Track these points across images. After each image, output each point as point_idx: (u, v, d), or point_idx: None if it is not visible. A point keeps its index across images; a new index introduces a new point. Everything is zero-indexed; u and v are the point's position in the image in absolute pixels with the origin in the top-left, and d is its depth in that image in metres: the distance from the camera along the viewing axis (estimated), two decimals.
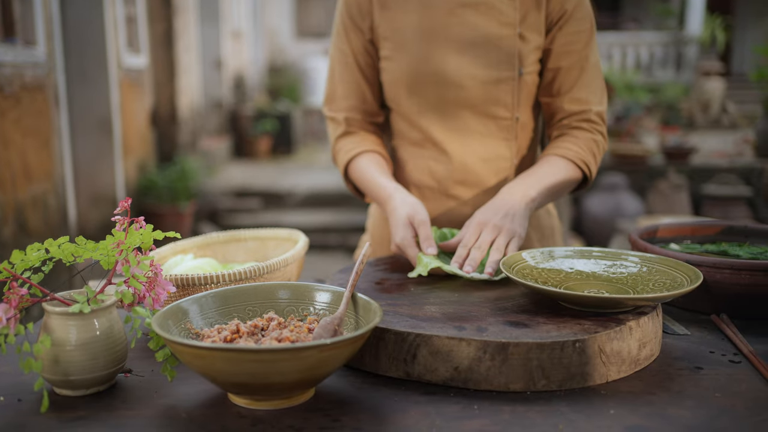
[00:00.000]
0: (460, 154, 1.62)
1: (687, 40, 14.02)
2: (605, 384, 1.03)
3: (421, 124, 1.62)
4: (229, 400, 0.98)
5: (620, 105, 9.06)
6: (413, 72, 1.57)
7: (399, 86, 1.61)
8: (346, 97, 1.67)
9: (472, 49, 1.55)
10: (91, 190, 6.11)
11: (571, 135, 1.60)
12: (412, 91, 1.60)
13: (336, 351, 0.90)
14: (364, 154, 1.64)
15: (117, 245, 1.05)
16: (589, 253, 1.33)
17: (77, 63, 5.95)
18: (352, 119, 1.67)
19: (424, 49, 1.56)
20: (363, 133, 1.68)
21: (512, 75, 1.56)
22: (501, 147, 1.62)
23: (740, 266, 1.26)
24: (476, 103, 1.58)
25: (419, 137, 1.64)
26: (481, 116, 1.60)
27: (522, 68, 1.56)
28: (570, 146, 1.57)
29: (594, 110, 1.60)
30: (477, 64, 1.55)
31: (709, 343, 1.19)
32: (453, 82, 1.57)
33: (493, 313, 1.13)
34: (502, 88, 1.57)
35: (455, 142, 1.61)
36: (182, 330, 1.03)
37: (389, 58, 1.60)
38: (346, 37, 1.64)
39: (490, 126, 1.60)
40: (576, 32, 1.57)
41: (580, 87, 1.59)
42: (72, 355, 0.98)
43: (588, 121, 1.60)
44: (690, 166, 7.54)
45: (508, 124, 1.61)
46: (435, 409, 0.95)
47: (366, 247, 1.19)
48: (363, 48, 1.63)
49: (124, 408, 0.97)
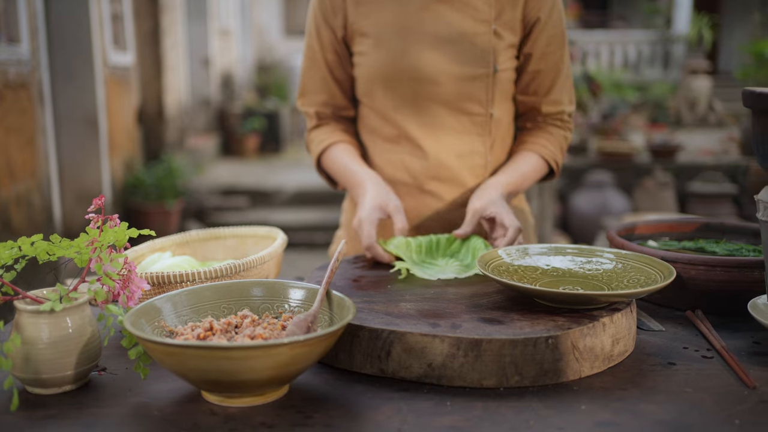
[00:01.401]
0: (435, 150, 1.62)
1: (674, 39, 14.07)
2: (578, 380, 1.04)
3: (396, 120, 1.63)
4: (202, 397, 0.98)
5: (607, 103, 9.08)
6: (388, 67, 1.58)
7: (374, 82, 1.62)
8: (315, 92, 1.70)
9: (447, 45, 1.56)
10: (76, 188, 6.08)
11: (545, 130, 1.68)
12: (387, 86, 1.60)
13: (308, 348, 0.90)
14: (336, 144, 1.67)
15: (91, 243, 1.05)
16: (564, 249, 1.33)
17: (62, 60, 5.91)
18: (323, 113, 1.71)
19: (399, 44, 1.57)
20: (334, 124, 1.72)
21: (487, 72, 1.57)
22: (475, 143, 1.63)
23: (715, 263, 1.27)
24: (450, 99, 1.59)
25: (393, 133, 1.65)
26: (456, 112, 1.60)
27: (497, 65, 1.57)
28: (545, 143, 1.65)
29: (567, 111, 1.68)
30: (451, 60, 1.56)
31: (683, 339, 1.19)
32: (427, 78, 1.57)
33: (468, 310, 1.14)
34: (477, 84, 1.58)
35: (430, 138, 1.62)
36: (156, 328, 1.02)
37: (364, 54, 1.61)
38: (316, 33, 1.65)
39: (464, 122, 1.61)
40: (553, 35, 1.60)
41: (555, 90, 1.64)
42: (43, 353, 0.98)
43: (561, 120, 1.68)
44: (676, 163, 7.57)
45: (482, 120, 1.62)
46: (407, 406, 0.95)
47: (341, 245, 1.19)
48: (332, 46, 1.65)
49: (96, 406, 0.96)
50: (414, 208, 1.65)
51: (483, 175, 1.65)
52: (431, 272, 1.36)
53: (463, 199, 1.63)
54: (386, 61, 1.58)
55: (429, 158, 1.63)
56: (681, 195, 7.34)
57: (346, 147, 1.67)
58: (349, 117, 1.74)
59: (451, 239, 1.49)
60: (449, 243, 1.49)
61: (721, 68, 15.72)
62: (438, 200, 1.64)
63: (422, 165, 1.64)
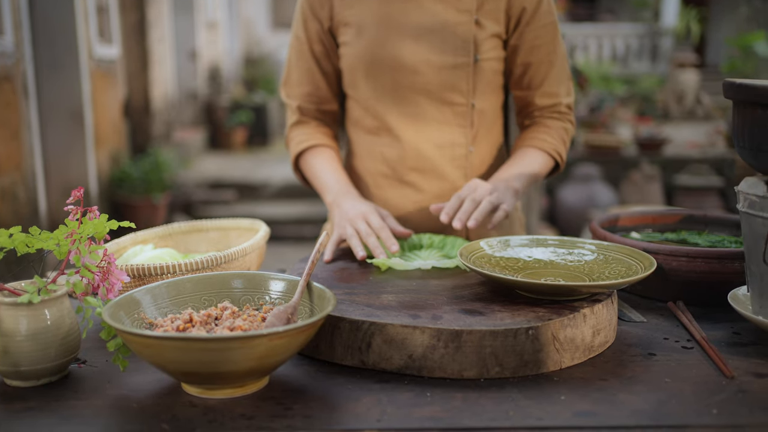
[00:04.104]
0: (414, 140, 1.62)
1: (662, 32, 14.11)
2: (559, 371, 1.04)
3: (377, 110, 1.63)
4: (182, 389, 0.98)
5: (595, 96, 9.10)
6: (370, 57, 1.58)
7: (356, 71, 1.61)
8: (300, 84, 1.69)
9: (429, 35, 1.56)
10: (62, 181, 6.04)
11: (543, 124, 1.66)
12: (369, 76, 1.60)
13: (287, 339, 0.90)
14: (315, 147, 1.67)
15: (70, 235, 1.04)
16: (546, 241, 1.33)
17: (47, 53, 5.86)
18: (305, 108, 1.70)
19: (382, 34, 1.57)
20: (315, 124, 1.71)
21: (467, 61, 1.56)
22: (456, 133, 1.63)
23: (696, 254, 1.28)
24: (432, 89, 1.59)
25: (374, 124, 1.65)
26: (437, 102, 1.60)
27: (477, 55, 1.56)
28: (544, 137, 1.63)
29: (564, 102, 1.66)
30: (433, 50, 1.56)
31: (664, 330, 1.20)
32: (408, 67, 1.57)
33: (449, 301, 1.14)
34: (457, 74, 1.57)
35: (410, 128, 1.62)
36: (135, 320, 1.02)
37: (348, 44, 1.61)
38: (303, 24, 1.65)
39: (445, 112, 1.61)
40: (543, 26, 1.59)
41: (550, 81, 1.63)
42: (22, 345, 0.97)
43: (558, 112, 1.67)
44: (663, 156, 7.60)
45: (464, 111, 1.61)
46: (387, 397, 0.95)
47: (322, 236, 1.18)
48: (318, 37, 1.64)
49: (75, 398, 0.96)
50: (395, 199, 1.65)
51: (464, 166, 1.64)
52: (412, 264, 1.36)
53: (443, 190, 1.63)
54: (367, 50, 1.58)
55: (407, 148, 1.63)
56: (668, 188, 7.37)
57: (323, 151, 1.67)
58: (332, 111, 1.73)
59: (433, 237, 1.49)
60: (431, 240, 1.49)
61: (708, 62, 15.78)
62: (418, 192, 1.64)
63: (400, 155, 1.64)
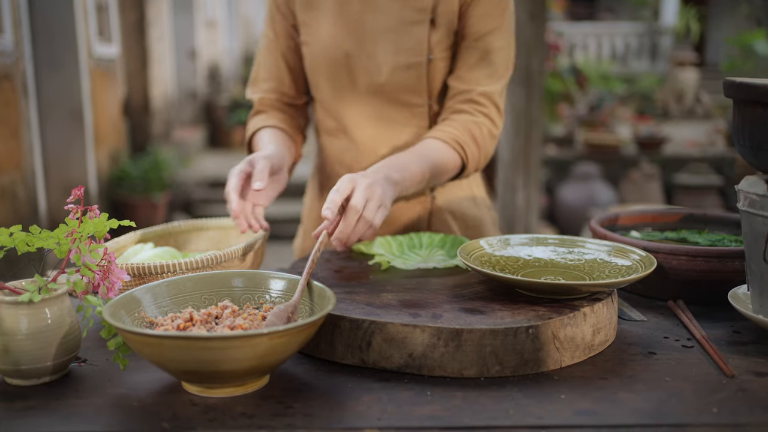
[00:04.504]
0: (372, 142, 1.60)
1: (662, 31, 14.12)
2: (559, 369, 1.04)
3: (336, 112, 1.62)
4: (182, 388, 0.98)
5: (594, 95, 9.10)
6: (327, 58, 1.57)
7: (316, 72, 1.60)
8: (266, 80, 1.67)
9: (385, 34, 1.53)
10: (62, 180, 6.04)
11: (450, 118, 1.55)
12: (328, 77, 1.59)
13: (287, 338, 0.90)
14: (265, 128, 1.61)
15: (70, 234, 1.04)
16: (546, 240, 1.34)
17: (46, 52, 5.86)
18: (266, 99, 1.67)
19: (338, 34, 1.55)
20: (273, 112, 1.67)
21: (421, 61, 1.53)
22: (414, 135, 1.60)
23: (696, 253, 1.28)
24: (388, 90, 1.56)
25: (334, 126, 1.63)
26: (394, 103, 1.58)
27: (431, 55, 1.53)
28: (445, 128, 1.52)
29: (479, 90, 1.54)
30: (387, 49, 1.54)
31: (664, 329, 1.20)
32: (365, 68, 1.55)
33: (449, 300, 1.14)
34: (412, 74, 1.54)
35: (367, 130, 1.60)
36: (136, 319, 1.02)
37: (307, 44, 1.60)
38: (271, 21, 1.64)
39: (404, 113, 1.59)
40: (482, 16, 1.53)
41: (471, 68, 1.54)
42: (23, 344, 0.97)
43: (471, 101, 1.54)
44: (662, 155, 7.61)
45: (422, 112, 1.59)
46: (387, 396, 0.95)
47: (323, 236, 1.18)
48: (286, 32, 1.63)
49: (76, 397, 0.96)
50: None
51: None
52: (412, 263, 1.36)
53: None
54: (325, 51, 1.57)
55: (365, 151, 1.61)
56: (667, 187, 7.38)
57: (271, 131, 1.59)
58: (296, 105, 1.69)
59: (433, 236, 1.49)
60: (431, 239, 1.49)
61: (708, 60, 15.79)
62: None
63: (356, 158, 1.62)
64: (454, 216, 1.70)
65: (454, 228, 1.69)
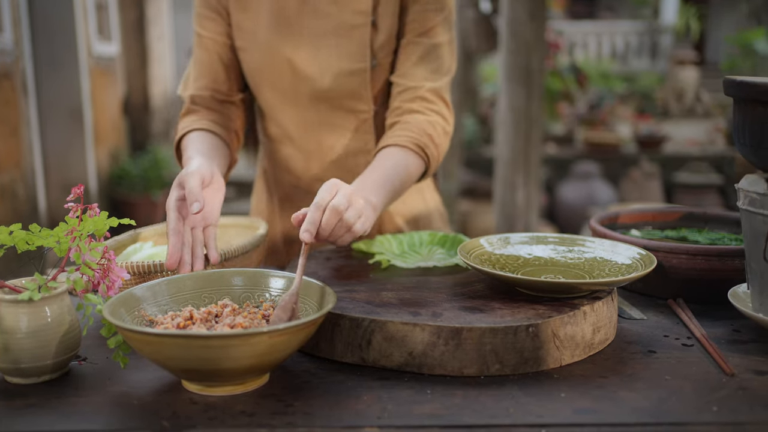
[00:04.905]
0: (318, 150, 1.57)
1: (662, 30, 14.10)
2: (559, 368, 1.04)
3: (280, 119, 1.57)
4: (182, 386, 0.98)
5: (594, 94, 9.10)
6: (267, 64, 1.51)
7: (256, 79, 1.55)
8: (197, 78, 1.57)
9: (325, 39, 1.49)
10: (61, 179, 6.04)
11: (402, 121, 1.48)
12: (268, 83, 1.53)
13: (287, 337, 0.90)
14: (195, 132, 1.49)
15: (70, 232, 1.04)
16: (546, 239, 1.34)
17: (46, 50, 5.86)
18: (198, 96, 1.56)
19: (276, 40, 1.49)
20: (205, 112, 1.56)
21: (364, 66, 1.49)
22: (361, 141, 1.56)
23: (696, 251, 1.28)
24: (332, 97, 1.52)
25: (279, 133, 1.59)
26: (339, 110, 1.54)
27: (375, 59, 1.50)
28: (403, 133, 1.45)
29: (426, 87, 1.49)
30: (329, 55, 1.49)
31: (664, 328, 1.20)
32: (306, 74, 1.50)
33: (449, 298, 1.14)
34: (356, 80, 1.50)
35: (313, 138, 1.57)
36: (136, 317, 1.02)
37: (244, 50, 1.53)
38: (202, 18, 1.55)
39: (349, 120, 1.55)
40: (422, 11, 1.49)
41: (416, 64, 1.50)
42: (22, 342, 0.97)
43: (421, 99, 1.50)
44: (662, 154, 7.61)
45: (367, 117, 1.54)
46: (388, 394, 0.95)
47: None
48: (220, 29, 1.54)
49: (76, 395, 0.96)
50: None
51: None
52: (412, 261, 1.36)
53: None
54: (264, 57, 1.51)
55: (311, 159, 1.57)
56: (667, 185, 7.38)
57: (199, 135, 1.48)
58: (231, 103, 1.58)
59: (434, 235, 1.49)
60: (432, 238, 1.49)
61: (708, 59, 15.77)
62: None
63: (303, 167, 1.59)
64: (405, 219, 1.68)
65: (405, 229, 1.67)
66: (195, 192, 1.18)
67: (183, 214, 1.21)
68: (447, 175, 6.26)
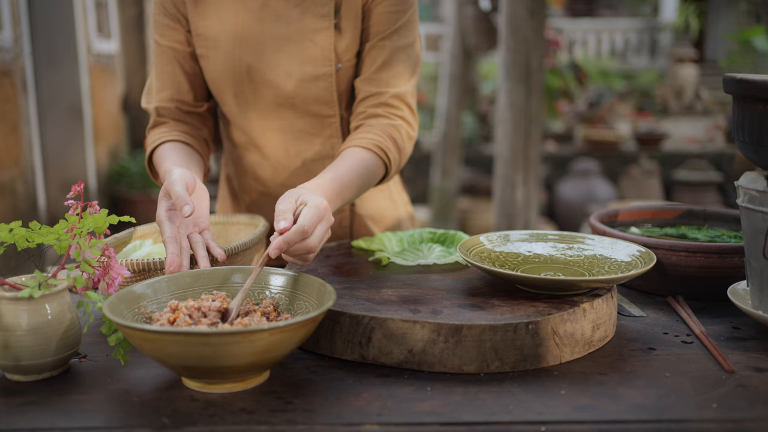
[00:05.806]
0: (284, 157, 1.55)
1: (661, 27, 14.10)
2: (558, 365, 1.04)
3: (244, 126, 1.55)
4: (182, 384, 0.98)
5: (594, 91, 9.10)
6: (229, 71, 1.49)
7: (218, 87, 1.52)
8: (161, 90, 1.54)
9: (288, 44, 1.46)
10: (61, 176, 6.04)
11: (366, 124, 1.48)
12: (231, 91, 1.51)
13: (287, 334, 0.90)
14: (166, 143, 1.48)
15: (70, 230, 1.05)
16: (545, 236, 1.34)
17: (45, 48, 5.86)
18: (164, 108, 1.54)
19: (238, 47, 1.47)
20: (173, 123, 1.54)
21: (329, 71, 1.47)
22: (328, 146, 1.55)
23: (695, 249, 1.28)
24: (296, 102, 1.50)
25: (244, 140, 1.57)
26: (304, 115, 1.52)
27: (339, 63, 1.48)
28: (366, 135, 1.44)
29: (391, 93, 1.49)
30: (292, 60, 1.47)
31: (664, 325, 1.20)
32: (269, 81, 1.48)
33: (449, 296, 1.14)
34: (320, 84, 1.48)
35: (278, 144, 1.55)
36: (136, 314, 1.02)
37: (205, 57, 1.50)
38: (161, 26, 1.52)
39: (314, 125, 1.53)
40: (385, 13, 1.47)
41: (380, 68, 1.49)
42: (23, 340, 0.97)
43: (385, 105, 1.49)
44: (662, 151, 7.61)
45: (333, 122, 1.53)
46: (387, 392, 0.96)
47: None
48: (181, 37, 1.52)
49: (76, 393, 0.96)
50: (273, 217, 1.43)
51: None
52: (412, 259, 1.36)
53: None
54: (225, 64, 1.48)
55: (277, 165, 1.56)
56: (666, 183, 7.38)
57: (173, 146, 1.47)
58: (197, 113, 1.57)
59: (434, 232, 1.49)
60: (432, 235, 1.49)
61: (707, 56, 15.77)
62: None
63: (269, 173, 1.57)
64: (374, 220, 1.67)
65: (375, 231, 1.67)
66: (183, 196, 1.17)
67: (176, 224, 1.21)
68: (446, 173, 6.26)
